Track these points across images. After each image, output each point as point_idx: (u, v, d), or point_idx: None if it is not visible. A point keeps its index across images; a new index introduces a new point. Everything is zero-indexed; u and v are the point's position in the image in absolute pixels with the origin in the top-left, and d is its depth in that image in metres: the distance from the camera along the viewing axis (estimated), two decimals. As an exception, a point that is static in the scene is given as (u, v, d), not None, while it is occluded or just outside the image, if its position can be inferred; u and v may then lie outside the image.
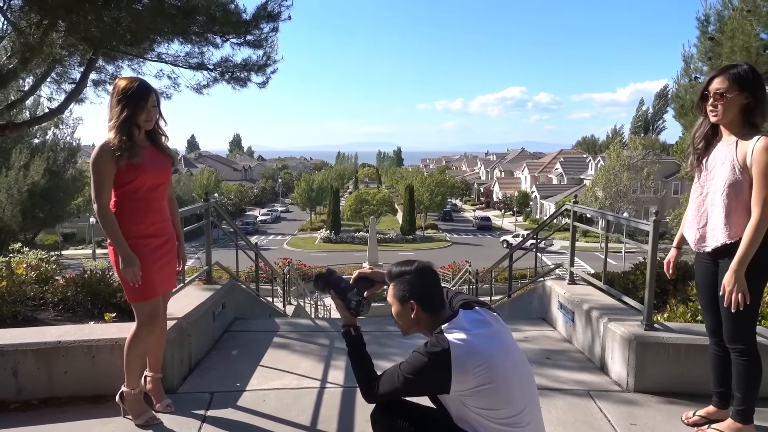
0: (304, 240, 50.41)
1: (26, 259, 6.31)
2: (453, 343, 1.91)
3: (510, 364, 1.97)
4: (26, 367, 3.14)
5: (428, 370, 1.94)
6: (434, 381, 1.96)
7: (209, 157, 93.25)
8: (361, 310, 2.29)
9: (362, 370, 2.18)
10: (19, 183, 23.77)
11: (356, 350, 2.24)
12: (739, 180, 2.60)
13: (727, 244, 2.65)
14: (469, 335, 1.94)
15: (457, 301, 2.14)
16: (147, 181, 2.79)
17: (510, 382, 1.95)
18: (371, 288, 2.31)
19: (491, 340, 1.96)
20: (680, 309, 4.54)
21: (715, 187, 2.70)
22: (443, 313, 2.08)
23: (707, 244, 2.76)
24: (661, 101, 76.84)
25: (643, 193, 44.16)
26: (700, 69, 9.14)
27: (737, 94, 2.58)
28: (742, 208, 2.61)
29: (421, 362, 1.95)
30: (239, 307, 5.31)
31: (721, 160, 2.68)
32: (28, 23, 5.79)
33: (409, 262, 2.15)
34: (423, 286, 2.08)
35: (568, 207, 5.23)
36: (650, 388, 3.46)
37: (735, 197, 2.62)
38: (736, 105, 2.61)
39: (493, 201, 71.65)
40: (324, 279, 2.39)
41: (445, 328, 1.97)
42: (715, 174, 2.70)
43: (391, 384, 2.06)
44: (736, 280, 2.55)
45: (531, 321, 5.35)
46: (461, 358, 1.89)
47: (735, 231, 2.63)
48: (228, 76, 7.41)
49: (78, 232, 43.21)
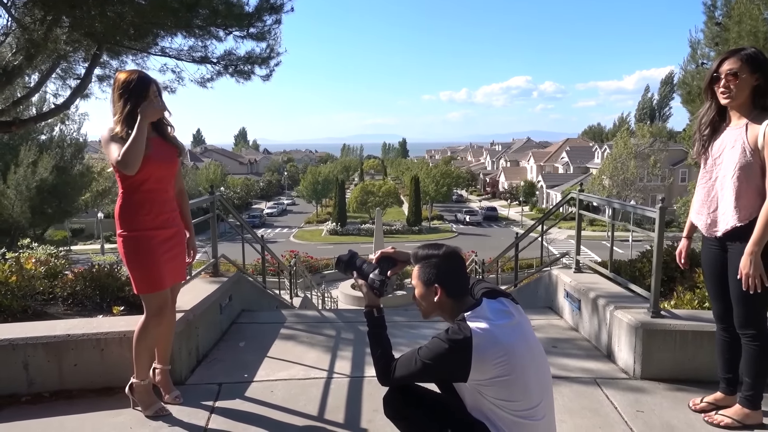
0: (311, 232, 50.50)
1: (35, 254, 6.36)
2: (475, 331, 1.90)
3: (529, 357, 1.97)
4: (37, 361, 3.18)
5: (448, 357, 1.93)
6: (453, 368, 1.95)
7: (215, 151, 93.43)
8: (385, 290, 2.28)
9: (381, 351, 2.17)
10: (28, 179, 23.92)
11: (377, 331, 2.23)
12: (750, 162, 2.58)
13: (737, 227, 2.63)
14: (491, 325, 1.93)
15: (479, 289, 2.13)
16: (154, 173, 2.79)
17: (528, 375, 1.94)
18: (394, 268, 2.31)
19: (513, 332, 1.96)
20: (687, 296, 4.52)
21: (725, 170, 2.68)
22: (466, 300, 2.07)
23: (718, 228, 2.75)
24: (667, 88, 76.02)
25: (650, 181, 43.91)
26: (706, 55, 9.05)
27: (749, 74, 2.57)
28: (753, 191, 2.59)
29: (442, 348, 1.94)
30: (246, 300, 5.34)
31: (730, 143, 2.66)
32: (33, 19, 5.80)
33: (436, 245, 2.13)
34: (449, 270, 2.07)
35: (573, 195, 5.21)
36: (657, 375, 3.46)
37: (746, 180, 2.60)
38: (747, 86, 2.59)
39: (499, 191, 71.45)
40: (346, 261, 2.38)
41: (468, 316, 1.96)
42: (725, 158, 2.68)
43: (408, 368, 2.05)
44: (752, 262, 2.53)
45: (537, 310, 5.35)
46: (482, 348, 1.88)
47: (745, 214, 2.61)
48: (232, 69, 7.39)
49: (86, 227, 43.49)
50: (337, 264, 2.44)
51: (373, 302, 2.27)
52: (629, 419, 2.98)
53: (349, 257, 2.40)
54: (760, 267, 2.53)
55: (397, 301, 15.76)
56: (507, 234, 42.55)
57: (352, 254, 2.42)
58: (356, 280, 2.36)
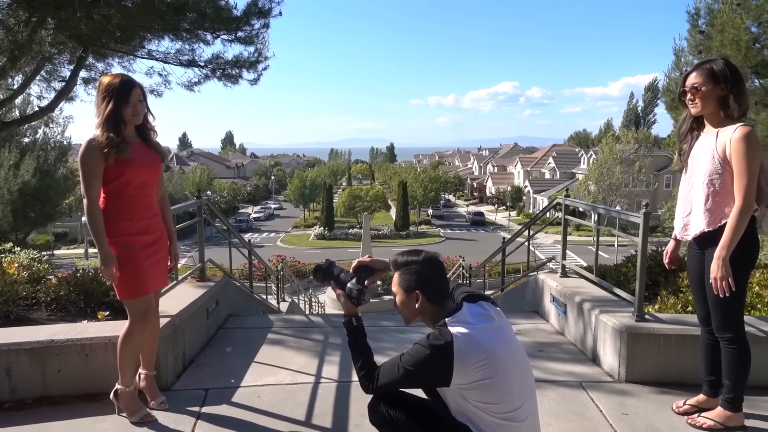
0: (298, 237, 50.32)
1: (18, 258, 6.28)
2: (456, 336, 1.92)
3: (511, 360, 1.99)
4: (19, 367, 3.14)
5: (430, 363, 1.95)
6: (435, 373, 1.97)
7: (201, 155, 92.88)
8: (363, 299, 2.28)
9: (363, 360, 2.18)
10: (9, 182, 23.61)
11: (357, 340, 2.24)
12: (719, 170, 2.67)
13: (706, 231, 2.73)
14: (472, 329, 1.95)
15: (459, 293, 2.15)
16: (136, 178, 2.78)
17: (510, 378, 1.96)
18: (372, 276, 2.31)
19: (494, 335, 1.98)
20: (671, 300, 4.59)
21: (697, 177, 2.79)
22: (447, 304, 2.09)
23: (689, 232, 2.86)
24: (650, 94, 77.16)
25: (635, 186, 44.43)
26: (690, 62, 9.20)
27: (712, 87, 2.68)
28: (721, 197, 2.68)
29: (423, 354, 1.96)
30: (233, 305, 5.31)
31: (702, 150, 2.77)
32: (17, 21, 5.73)
33: (415, 251, 2.15)
34: (429, 276, 2.08)
35: (559, 200, 5.26)
36: (641, 378, 3.50)
37: (714, 186, 2.69)
38: (712, 97, 2.70)
39: (486, 196, 71.83)
40: (323, 270, 2.39)
41: (449, 321, 1.98)
42: (698, 165, 2.79)
43: (391, 375, 2.06)
44: (719, 266, 2.60)
45: (524, 314, 5.38)
46: (463, 352, 1.90)
47: (714, 219, 2.71)
48: (219, 73, 7.38)
49: (70, 231, 42.94)
50: (314, 273, 2.44)
51: (350, 311, 2.28)
52: (614, 422, 3.01)
53: (327, 266, 2.40)
54: (729, 271, 2.59)
55: (384, 305, 15.79)
56: (494, 239, 42.76)
57: (329, 263, 2.42)
58: (334, 289, 2.36)
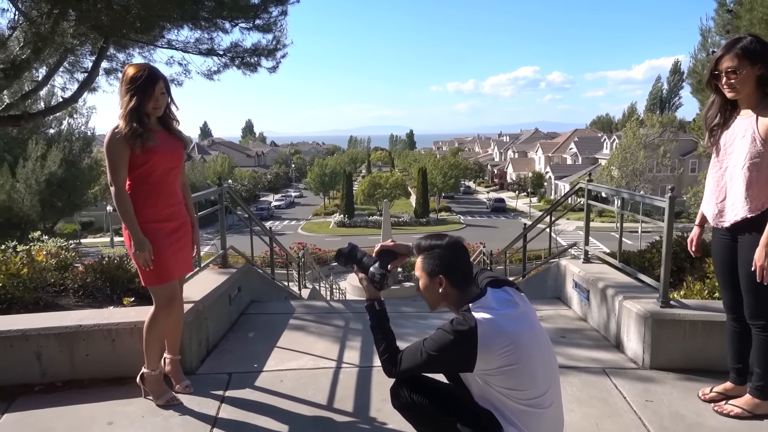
0: (318, 224, 50.60)
1: (46, 247, 6.42)
2: (480, 321, 1.90)
3: (536, 346, 1.97)
4: (49, 351, 3.22)
5: (453, 348, 1.93)
6: (458, 359, 1.95)
7: (222, 144, 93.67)
8: (385, 283, 2.26)
9: (385, 344, 2.16)
10: (37, 173, 24.11)
11: (380, 324, 2.22)
12: (761, 152, 2.55)
13: (747, 218, 2.61)
14: (496, 315, 1.92)
15: (483, 278, 2.14)
16: (160, 165, 2.81)
17: (534, 364, 1.94)
18: (395, 261, 2.30)
19: (518, 321, 1.95)
20: (697, 286, 4.49)
21: (735, 160, 2.65)
22: (471, 289, 2.07)
23: (725, 218, 2.72)
24: (676, 77, 75.16)
25: (659, 171, 43.54)
26: (717, 43, 8.94)
27: (750, 68, 2.53)
28: (763, 181, 2.57)
29: (447, 340, 1.94)
30: (255, 291, 5.37)
31: (741, 133, 2.63)
32: (39, 13, 5.81)
33: (439, 235, 2.13)
34: (453, 261, 2.06)
35: (582, 185, 5.18)
36: (666, 365, 3.45)
37: (756, 170, 2.57)
38: (751, 79, 2.55)
39: (507, 182, 71.19)
40: (346, 254, 2.37)
41: (473, 306, 1.96)
42: (735, 148, 2.66)
43: (414, 360, 2.05)
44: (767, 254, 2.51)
45: (546, 300, 5.34)
46: (487, 338, 1.88)
47: (756, 204, 2.59)
48: (238, 61, 7.38)
49: (96, 220, 43.84)
50: (337, 257, 2.42)
51: (373, 295, 2.27)
52: (638, 409, 2.98)
53: (349, 250, 2.38)
54: None
55: (405, 292, 15.81)
56: (515, 225, 42.44)
57: (352, 247, 2.40)
58: (356, 273, 2.35)
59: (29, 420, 2.89)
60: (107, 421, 2.86)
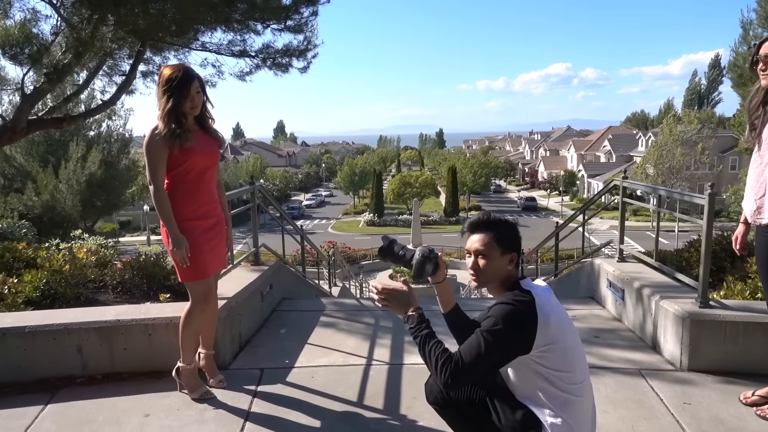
0: (348, 223, 50.85)
1: (87, 244, 6.64)
2: (535, 292, 1.92)
3: (571, 332, 1.97)
4: (89, 345, 3.33)
5: (517, 318, 1.85)
6: (523, 330, 1.85)
7: (254, 144, 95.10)
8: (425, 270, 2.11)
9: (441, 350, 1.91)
10: (78, 174, 24.95)
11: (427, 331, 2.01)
12: None
13: None
14: (541, 291, 1.96)
15: None
16: (197, 164, 2.87)
17: (575, 347, 1.96)
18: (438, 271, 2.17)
19: (557, 305, 1.97)
20: (738, 286, 4.35)
21: None
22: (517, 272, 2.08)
23: (763, 216, 2.63)
24: (715, 72, 72.48)
25: (697, 169, 42.16)
26: (759, 35, 8.62)
27: None
28: None
29: (509, 310, 1.86)
30: (286, 288, 5.44)
31: None
32: (80, 18, 6.02)
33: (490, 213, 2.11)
34: (519, 240, 2.08)
35: (617, 182, 5.07)
36: (705, 367, 3.35)
37: None
38: None
39: (539, 181, 70.17)
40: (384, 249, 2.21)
41: (522, 284, 1.97)
42: None
43: (478, 348, 1.84)
44: None
45: (579, 300, 5.25)
46: (544, 308, 1.88)
47: None
48: (270, 62, 7.49)
49: (133, 219, 45.05)
50: (379, 252, 2.25)
51: (410, 303, 2.08)
52: (675, 411, 2.90)
53: (387, 244, 2.23)
54: None
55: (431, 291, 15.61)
56: (546, 224, 41.79)
57: (390, 241, 2.25)
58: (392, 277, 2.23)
59: (70, 411, 2.99)
60: (144, 413, 2.94)
